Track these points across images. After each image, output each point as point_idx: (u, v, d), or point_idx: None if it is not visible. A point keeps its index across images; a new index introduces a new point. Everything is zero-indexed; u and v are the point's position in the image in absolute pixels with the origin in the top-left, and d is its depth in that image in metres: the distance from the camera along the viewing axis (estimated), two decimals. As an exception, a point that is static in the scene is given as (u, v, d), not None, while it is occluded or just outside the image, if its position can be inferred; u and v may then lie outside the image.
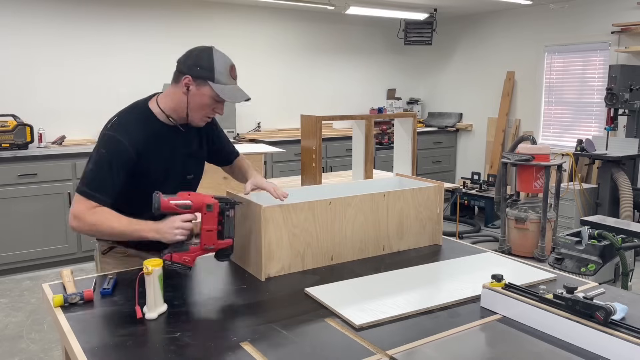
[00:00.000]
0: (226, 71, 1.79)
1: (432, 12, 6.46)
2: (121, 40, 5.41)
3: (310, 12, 6.52)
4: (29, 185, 4.51)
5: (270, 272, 1.81)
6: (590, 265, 3.53)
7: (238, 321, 1.48)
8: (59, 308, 1.54)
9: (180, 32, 5.66)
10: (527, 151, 4.80)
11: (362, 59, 7.10)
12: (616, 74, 4.95)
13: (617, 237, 3.49)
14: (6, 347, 3.29)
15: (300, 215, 1.85)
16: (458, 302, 1.59)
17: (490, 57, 6.80)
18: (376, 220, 2.04)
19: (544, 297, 1.41)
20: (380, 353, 1.28)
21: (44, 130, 4.92)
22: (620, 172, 5.00)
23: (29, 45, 4.99)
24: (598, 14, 5.61)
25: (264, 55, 6.28)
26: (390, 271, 1.86)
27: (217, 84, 1.77)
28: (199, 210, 1.69)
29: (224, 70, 1.78)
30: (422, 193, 2.16)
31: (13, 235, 4.49)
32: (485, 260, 2.00)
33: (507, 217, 4.95)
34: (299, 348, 1.32)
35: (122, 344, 1.34)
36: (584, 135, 5.62)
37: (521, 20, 6.38)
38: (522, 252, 4.78)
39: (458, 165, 7.38)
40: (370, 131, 3.45)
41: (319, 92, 6.77)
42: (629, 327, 1.25)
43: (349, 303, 1.56)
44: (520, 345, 1.35)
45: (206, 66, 1.76)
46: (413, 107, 7.46)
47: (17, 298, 4.09)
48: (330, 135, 6.18)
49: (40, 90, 5.07)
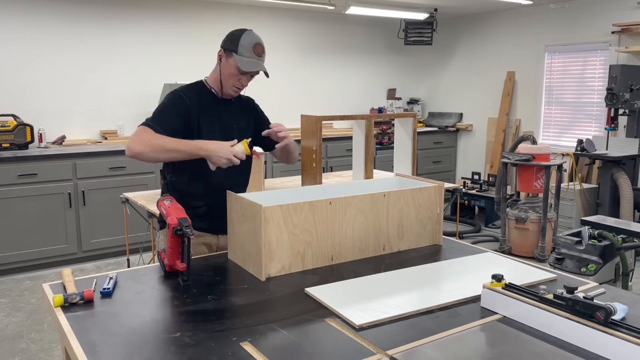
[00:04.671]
0: (249, 46, 2.08)
1: (432, 12, 6.46)
2: (121, 40, 5.41)
3: (311, 12, 6.52)
4: (29, 185, 4.51)
5: (270, 272, 1.81)
6: (590, 265, 3.53)
7: (238, 321, 1.48)
8: (59, 308, 1.53)
9: (181, 32, 5.66)
10: (528, 151, 4.80)
11: (362, 59, 7.10)
12: (616, 74, 4.95)
13: (618, 237, 3.49)
14: (6, 347, 3.29)
15: (300, 215, 1.85)
16: (458, 302, 1.59)
17: (490, 57, 6.80)
18: (376, 220, 2.04)
19: (544, 297, 1.41)
20: (380, 353, 1.28)
21: (44, 130, 4.92)
22: (620, 172, 5.00)
23: (29, 45, 4.99)
24: (598, 14, 5.61)
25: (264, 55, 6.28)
26: (390, 271, 1.86)
27: (239, 55, 2.08)
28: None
29: (247, 45, 2.08)
30: (422, 193, 2.16)
31: (13, 235, 4.49)
32: (486, 260, 2.00)
33: (507, 217, 4.95)
34: (299, 348, 1.32)
35: (122, 344, 1.34)
36: (584, 135, 5.63)
37: (521, 20, 6.38)
38: (523, 252, 4.78)
39: (458, 165, 7.38)
40: (371, 131, 3.45)
41: (319, 92, 6.77)
42: (629, 327, 1.25)
43: (349, 303, 1.56)
44: (521, 345, 1.34)
45: (234, 41, 2.09)
46: (413, 107, 7.46)
47: (17, 298, 4.09)
48: (331, 135, 6.18)
49: (41, 90, 5.07)
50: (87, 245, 4.80)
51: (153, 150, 1.95)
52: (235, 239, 1.98)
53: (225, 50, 2.12)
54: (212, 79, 2.21)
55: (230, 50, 2.09)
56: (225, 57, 2.12)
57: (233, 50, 2.08)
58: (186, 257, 1.73)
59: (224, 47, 2.12)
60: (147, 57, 5.52)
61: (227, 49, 2.11)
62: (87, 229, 4.79)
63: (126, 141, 5.81)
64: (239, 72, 2.10)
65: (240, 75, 2.12)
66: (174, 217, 1.73)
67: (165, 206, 1.82)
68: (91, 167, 4.76)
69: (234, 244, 1.99)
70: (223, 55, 2.13)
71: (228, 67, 2.11)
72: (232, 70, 2.10)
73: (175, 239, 1.73)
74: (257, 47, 2.10)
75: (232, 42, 2.09)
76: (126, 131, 5.51)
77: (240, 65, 2.08)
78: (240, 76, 2.13)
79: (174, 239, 1.73)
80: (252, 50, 2.09)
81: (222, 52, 2.13)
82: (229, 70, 2.11)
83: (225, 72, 2.13)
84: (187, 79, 5.49)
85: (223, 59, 2.13)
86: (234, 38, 2.10)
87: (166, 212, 1.79)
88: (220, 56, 2.14)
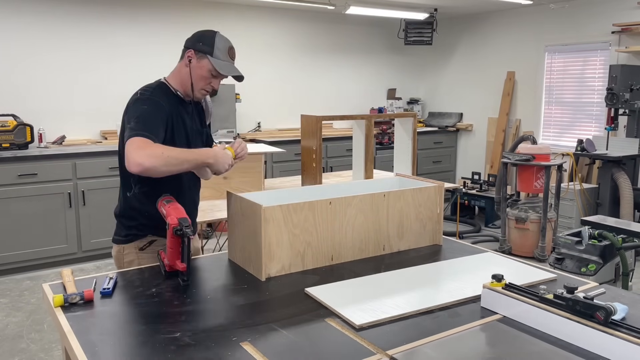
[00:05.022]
0: (225, 49, 2.00)
1: (432, 12, 6.46)
2: (121, 40, 5.41)
3: (311, 12, 6.52)
4: (29, 185, 4.51)
5: (270, 272, 1.81)
6: (590, 265, 3.53)
7: (238, 321, 1.48)
8: (59, 308, 1.54)
9: (180, 32, 5.62)
10: (528, 151, 4.80)
11: (362, 59, 7.10)
12: (616, 74, 4.95)
13: (618, 237, 3.49)
14: (6, 347, 3.29)
15: (300, 215, 1.85)
16: (458, 302, 1.59)
17: (490, 57, 6.80)
18: (376, 220, 2.04)
19: (544, 297, 1.41)
20: (380, 353, 1.28)
21: (44, 130, 4.92)
22: (620, 172, 5.00)
23: (29, 45, 4.99)
24: (598, 14, 5.61)
25: (265, 55, 6.28)
26: (390, 271, 1.86)
27: (215, 58, 1.97)
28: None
29: (222, 48, 1.99)
30: (422, 193, 2.16)
31: (13, 235, 4.49)
32: (486, 260, 2.00)
33: (507, 217, 4.95)
34: (299, 348, 1.32)
35: (122, 344, 1.34)
36: (584, 135, 5.62)
37: (521, 20, 6.38)
38: (523, 252, 4.78)
39: (458, 165, 7.38)
40: (371, 131, 3.45)
41: (319, 92, 6.77)
42: (629, 327, 1.25)
43: (349, 303, 1.56)
44: (520, 345, 1.34)
45: (207, 42, 1.98)
46: (413, 107, 7.46)
47: (17, 298, 4.09)
48: (331, 135, 6.18)
49: (40, 90, 5.07)
50: (87, 245, 4.80)
51: (166, 163, 1.76)
52: (235, 239, 1.98)
53: (196, 51, 1.98)
54: (176, 81, 2.05)
55: (203, 52, 1.97)
56: (196, 59, 1.98)
57: (207, 52, 1.97)
58: (186, 257, 1.73)
59: (196, 48, 1.98)
60: (147, 56, 5.52)
61: (199, 50, 1.98)
62: (87, 229, 4.79)
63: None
64: (212, 75, 2.00)
65: (212, 78, 2.01)
66: (174, 217, 1.73)
67: (165, 206, 1.82)
68: (91, 167, 4.76)
69: (234, 244, 1.99)
70: (193, 56, 1.98)
71: (200, 69, 1.98)
72: (204, 73, 1.99)
73: (175, 239, 1.73)
74: (231, 51, 2.02)
75: (206, 44, 1.98)
76: (126, 131, 5.50)
77: (218, 68, 1.97)
78: (212, 79, 2.01)
79: (174, 239, 1.73)
80: (227, 53, 2.01)
81: (191, 52, 1.99)
82: (202, 73, 1.99)
83: (196, 74, 1.99)
84: (187, 79, 5.52)
85: (194, 60, 1.99)
86: (206, 40, 1.99)
87: (166, 212, 1.79)
88: (190, 57, 1.99)
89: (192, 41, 2.02)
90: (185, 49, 2.02)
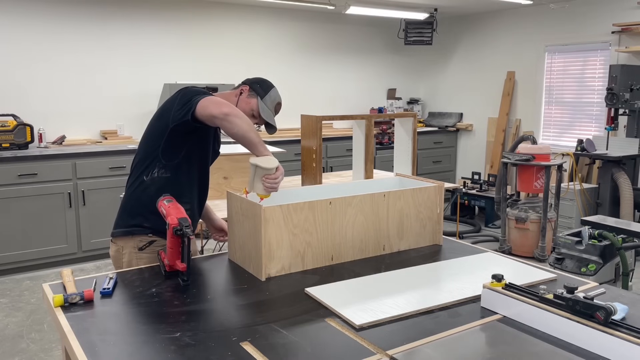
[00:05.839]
0: (274, 101, 2.19)
1: (432, 12, 6.46)
2: (121, 40, 5.41)
3: (310, 12, 6.52)
4: (29, 185, 4.51)
5: (270, 272, 1.81)
6: (590, 265, 3.53)
7: (238, 321, 1.48)
8: (59, 308, 1.54)
9: (180, 32, 5.66)
10: (528, 151, 4.80)
11: (362, 59, 7.10)
12: (616, 74, 4.95)
13: (618, 237, 3.49)
14: (6, 347, 3.29)
15: (300, 215, 1.85)
16: (458, 302, 1.59)
17: (490, 57, 6.80)
18: (376, 220, 2.04)
19: (544, 297, 1.41)
20: (380, 353, 1.28)
21: (44, 130, 4.92)
22: (620, 172, 5.00)
23: (29, 45, 4.99)
24: (598, 14, 5.61)
25: (264, 55, 6.28)
26: (390, 271, 1.86)
27: (263, 102, 2.15)
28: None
29: (273, 99, 2.18)
30: (422, 193, 2.16)
31: (13, 235, 4.49)
32: (486, 260, 2.00)
33: (507, 217, 4.95)
34: (299, 348, 1.32)
35: (122, 344, 1.34)
36: (584, 135, 5.62)
37: (521, 20, 6.38)
38: (523, 252, 4.78)
39: (458, 165, 7.38)
40: (371, 131, 3.45)
41: (319, 92, 6.77)
42: (629, 327, 1.25)
43: (349, 303, 1.56)
44: (520, 345, 1.34)
45: (264, 88, 2.18)
46: (413, 107, 7.46)
47: (17, 298, 4.09)
48: (331, 135, 6.18)
49: (40, 90, 5.07)
50: (87, 245, 4.80)
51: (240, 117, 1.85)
52: (235, 239, 1.98)
53: (251, 89, 2.15)
54: None
55: (256, 93, 2.15)
56: (247, 94, 2.15)
57: (259, 95, 2.14)
58: (186, 257, 1.73)
59: (252, 87, 2.16)
60: (147, 57, 5.52)
61: (254, 90, 2.15)
62: (87, 229, 4.79)
63: (125, 142, 5.76)
64: (252, 114, 2.13)
65: (250, 117, 2.11)
66: (174, 217, 1.73)
67: (165, 206, 1.82)
68: (91, 167, 4.76)
69: (234, 244, 1.99)
70: (246, 91, 2.15)
71: (246, 104, 2.13)
72: (247, 109, 2.12)
73: (175, 239, 1.73)
74: (278, 106, 2.20)
75: (262, 88, 2.16)
76: (126, 131, 5.51)
77: (261, 111, 2.13)
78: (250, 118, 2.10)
79: (174, 239, 1.73)
80: (274, 105, 2.18)
81: (246, 88, 2.16)
82: (244, 107, 2.11)
83: (241, 106, 2.11)
84: (187, 79, 5.54)
85: (244, 94, 2.15)
86: (265, 86, 2.17)
87: (166, 212, 1.79)
88: (242, 90, 2.16)
89: (251, 81, 2.20)
90: (242, 84, 2.19)
